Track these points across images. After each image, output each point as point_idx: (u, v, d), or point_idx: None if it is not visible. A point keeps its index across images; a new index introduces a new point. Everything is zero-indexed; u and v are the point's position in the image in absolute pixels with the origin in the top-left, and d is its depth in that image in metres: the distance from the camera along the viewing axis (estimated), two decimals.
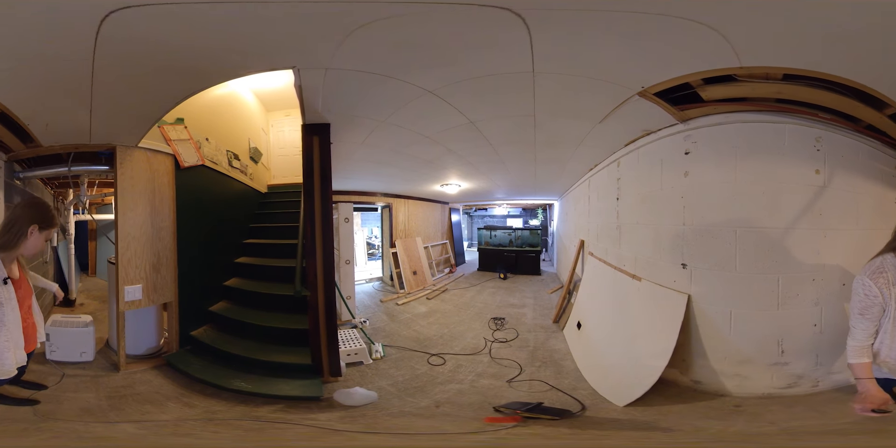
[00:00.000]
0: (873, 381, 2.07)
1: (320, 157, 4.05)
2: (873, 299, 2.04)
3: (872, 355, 2.11)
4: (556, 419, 3.14)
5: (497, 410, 3.40)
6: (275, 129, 8.50)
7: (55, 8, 2.13)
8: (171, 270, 4.54)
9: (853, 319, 2.12)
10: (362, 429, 3.08)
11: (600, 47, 2.66)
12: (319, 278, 4.05)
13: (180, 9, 2.20)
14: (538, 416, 3.16)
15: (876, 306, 2.04)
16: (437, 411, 3.49)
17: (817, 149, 3.11)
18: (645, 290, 4.06)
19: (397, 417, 3.36)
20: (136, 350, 4.38)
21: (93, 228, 8.48)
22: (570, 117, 4.04)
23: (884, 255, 2.10)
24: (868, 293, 2.05)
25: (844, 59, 2.41)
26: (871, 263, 2.11)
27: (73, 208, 6.72)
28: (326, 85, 3.30)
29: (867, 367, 2.09)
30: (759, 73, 2.74)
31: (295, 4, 2.23)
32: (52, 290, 3.18)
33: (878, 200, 3.16)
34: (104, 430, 2.94)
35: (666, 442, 2.76)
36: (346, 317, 6.24)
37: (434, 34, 2.58)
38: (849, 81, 2.59)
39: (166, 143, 4.59)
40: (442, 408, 3.56)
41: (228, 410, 3.38)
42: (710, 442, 2.68)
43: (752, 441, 2.60)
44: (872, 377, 2.08)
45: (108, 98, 3.17)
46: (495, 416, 3.28)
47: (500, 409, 3.39)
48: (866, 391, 2.06)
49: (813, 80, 2.71)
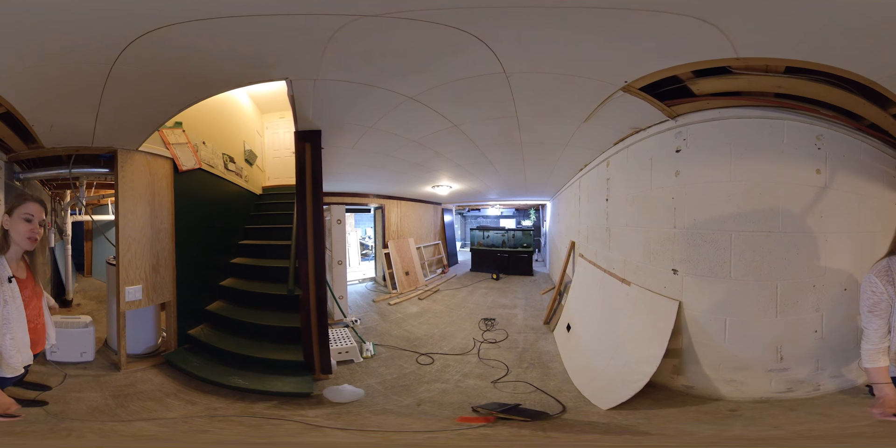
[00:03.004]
0: (891, 385, 2.05)
1: (312, 162, 4.19)
2: (880, 295, 2.04)
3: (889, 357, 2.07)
4: (528, 421, 3.12)
5: (474, 410, 3.40)
6: (269, 131, 8.61)
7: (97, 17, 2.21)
8: (169, 271, 4.67)
9: (864, 319, 2.10)
10: (342, 425, 3.16)
11: (569, 42, 2.53)
12: (311, 278, 4.17)
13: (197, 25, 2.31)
14: (511, 418, 3.14)
15: (883, 302, 2.04)
16: (416, 410, 3.54)
17: (818, 147, 2.92)
18: (634, 295, 3.92)
19: (378, 415, 3.42)
20: (136, 349, 4.48)
21: (89, 229, 8.56)
22: (554, 117, 3.96)
23: (890, 257, 2.12)
24: (874, 290, 2.06)
25: (852, 51, 2.26)
26: (877, 264, 2.12)
27: (70, 209, 6.82)
28: (316, 94, 3.44)
29: (884, 370, 2.06)
30: (757, 65, 2.56)
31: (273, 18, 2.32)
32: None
33: (880, 202, 3.01)
34: (126, 427, 3.01)
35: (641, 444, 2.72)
36: (339, 316, 6.34)
37: (398, 44, 2.64)
38: (854, 76, 2.44)
39: (165, 146, 4.71)
40: (422, 406, 3.61)
41: (228, 407, 3.49)
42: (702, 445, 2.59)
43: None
44: (890, 381, 2.05)
45: (115, 104, 3.26)
46: (469, 416, 3.27)
47: (477, 409, 3.40)
48: (884, 395, 2.03)
49: (815, 74, 2.54)
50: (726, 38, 2.26)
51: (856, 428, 2.50)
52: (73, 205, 6.72)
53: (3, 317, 2.23)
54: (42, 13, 2.13)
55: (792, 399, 3.03)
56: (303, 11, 2.28)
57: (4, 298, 2.24)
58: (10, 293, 2.26)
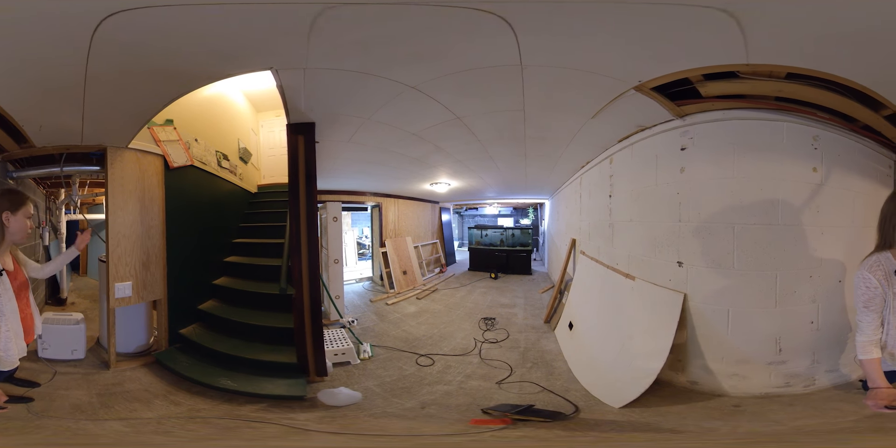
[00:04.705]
0: (884, 377, 2.09)
1: (305, 155, 4.09)
2: (874, 291, 2.09)
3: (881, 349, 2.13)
4: (549, 421, 3.09)
5: (485, 412, 3.35)
6: (265, 130, 8.53)
7: (53, 12, 2.18)
8: (160, 268, 4.59)
9: (859, 314, 2.15)
10: (337, 429, 3.07)
11: (595, 39, 2.60)
12: (304, 277, 4.08)
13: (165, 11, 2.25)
14: (529, 419, 3.11)
15: (878, 297, 2.09)
16: (421, 413, 3.47)
17: (815, 147, 3.13)
18: (639, 289, 3.99)
19: (378, 418, 3.35)
20: (127, 348, 4.42)
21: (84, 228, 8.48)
22: (562, 112, 3.99)
23: (879, 252, 2.17)
24: (869, 285, 2.11)
25: (849, 59, 2.42)
26: (867, 260, 2.17)
27: (64, 208, 6.76)
28: (307, 84, 3.35)
29: (876, 362, 2.11)
30: (763, 70, 2.72)
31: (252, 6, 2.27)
32: (73, 253, 3.13)
33: (873, 198, 3.04)
34: (94, 427, 2.98)
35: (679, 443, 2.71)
36: (335, 316, 6.28)
37: (410, 29, 2.58)
38: (849, 82, 2.61)
39: (156, 143, 4.64)
40: (427, 409, 3.54)
41: (213, 408, 3.41)
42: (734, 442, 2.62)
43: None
44: (882, 374, 2.09)
45: (98, 100, 3.22)
46: (482, 419, 3.22)
47: (488, 411, 3.34)
48: (878, 387, 2.07)
49: (813, 80, 2.73)
50: (743, 42, 2.39)
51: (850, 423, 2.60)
52: (67, 203, 6.66)
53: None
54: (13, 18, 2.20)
55: (789, 395, 3.16)
56: None
57: None
58: (1, 287, 2.38)
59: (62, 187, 6.29)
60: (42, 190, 6.04)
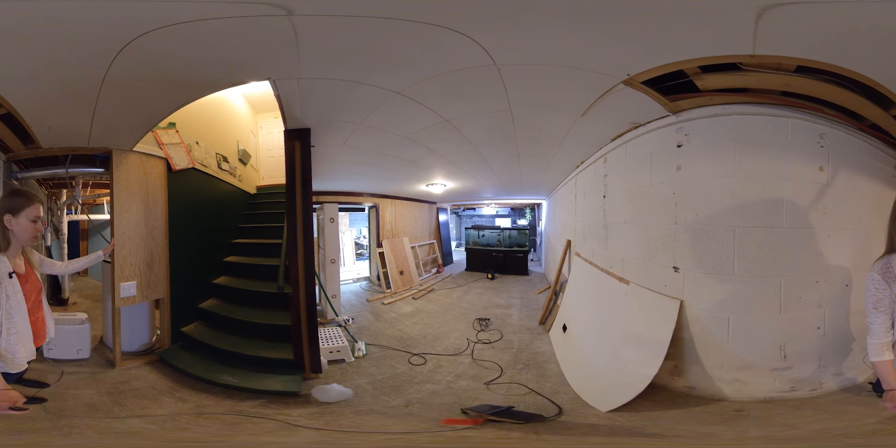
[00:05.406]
0: None
1: (301, 160, 4.21)
2: (883, 292, 2.08)
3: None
4: (520, 423, 3.05)
5: (464, 412, 3.33)
6: (263, 131, 8.61)
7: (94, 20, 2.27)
8: (163, 268, 4.72)
9: (869, 316, 2.13)
10: (321, 425, 3.15)
11: (568, 34, 2.46)
12: (300, 276, 4.20)
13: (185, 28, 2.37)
14: (503, 420, 3.08)
15: (886, 298, 2.08)
16: (403, 411, 3.48)
17: (821, 145, 2.95)
18: (633, 294, 3.85)
19: (361, 415, 3.38)
20: (130, 346, 4.52)
21: (85, 228, 8.58)
22: (549, 110, 3.88)
23: (889, 255, 2.16)
24: (878, 287, 2.09)
25: (864, 54, 2.28)
26: (878, 262, 2.16)
27: (66, 208, 6.85)
28: (302, 93, 3.48)
29: (889, 364, 2.08)
30: (769, 63, 2.53)
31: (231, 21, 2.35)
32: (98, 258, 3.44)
33: (880, 200, 2.95)
34: (119, 424, 3.06)
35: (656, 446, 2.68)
36: (331, 315, 6.38)
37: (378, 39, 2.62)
38: (860, 77, 2.46)
39: (159, 146, 4.76)
40: (410, 407, 3.56)
41: (217, 404, 3.51)
42: None
43: None
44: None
45: (111, 106, 3.34)
46: (456, 418, 3.20)
47: (467, 411, 3.32)
48: (893, 389, 2.03)
49: (823, 74, 2.55)
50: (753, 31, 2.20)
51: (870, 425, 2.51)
52: (69, 204, 6.76)
53: (7, 312, 2.30)
54: (46, 22, 2.24)
55: (796, 398, 3.03)
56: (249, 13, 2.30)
57: (6, 294, 2.30)
58: (11, 289, 2.33)
59: (64, 188, 6.40)
60: (44, 190, 6.12)
